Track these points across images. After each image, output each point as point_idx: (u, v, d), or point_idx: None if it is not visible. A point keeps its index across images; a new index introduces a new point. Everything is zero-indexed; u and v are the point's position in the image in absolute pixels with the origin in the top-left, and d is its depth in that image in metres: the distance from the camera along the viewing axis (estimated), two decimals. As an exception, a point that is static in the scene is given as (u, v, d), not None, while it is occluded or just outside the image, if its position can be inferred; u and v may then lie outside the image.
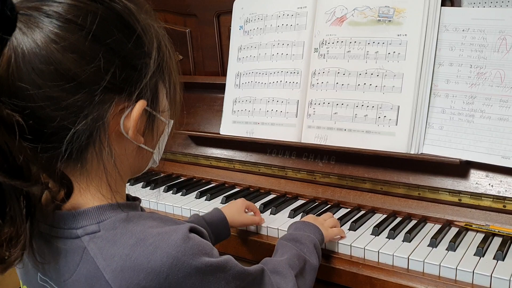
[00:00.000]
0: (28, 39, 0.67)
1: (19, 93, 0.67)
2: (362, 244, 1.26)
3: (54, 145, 0.71)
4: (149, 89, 0.76)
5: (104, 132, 0.73)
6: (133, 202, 0.82)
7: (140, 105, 0.75)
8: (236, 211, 1.38)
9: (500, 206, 1.32)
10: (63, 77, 0.68)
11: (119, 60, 0.71)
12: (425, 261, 1.17)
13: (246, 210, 1.43)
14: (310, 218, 1.30)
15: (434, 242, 1.24)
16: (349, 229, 1.36)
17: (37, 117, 0.69)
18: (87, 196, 0.77)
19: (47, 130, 0.70)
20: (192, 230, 0.77)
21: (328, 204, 1.56)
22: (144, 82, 0.75)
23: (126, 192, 0.85)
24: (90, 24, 0.68)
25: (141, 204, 0.86)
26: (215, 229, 1.30)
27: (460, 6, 1.41)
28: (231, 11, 1.84)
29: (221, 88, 1.86)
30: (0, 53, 0.66)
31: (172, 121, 0.86)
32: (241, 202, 1.42)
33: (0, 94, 0.66)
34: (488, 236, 1.27)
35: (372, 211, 1.49)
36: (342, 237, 1.30)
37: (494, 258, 1.16)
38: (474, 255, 1.18)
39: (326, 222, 1.30)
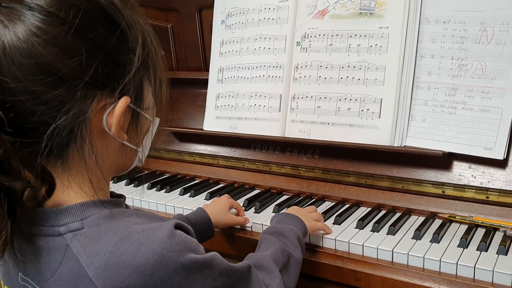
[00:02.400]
0: (9, 32, 0.66)
1: None
2: (346, 238, 1.26)
3: (34, 140, 0.70)
4: (133, 86, 0.75)
5: (86, 128, 0.72)
6: (117, 199, 0.81)
7: (123, 101, 0.74)
8: (220, 211, 1.37)
9: (483, 197, 1.32)
10: (44, 71, 0.67)
11: (102, 55, 0.71)
12: (409, 253, 1.17)
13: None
14: (294, 209, 1.30)
15: (418, 235, 1.24)
16: (334, 223, 1.36)
17: (17, 111, 0.68)
18: (69, 193, 0.76)
19: (27, 125, 0.69)
20: (177, 226, 0.76)
21: (313, 199, 1.56)
22: (127, 78, 0.74)
23: (110, 190, 0.84)
24: (72, 18, 0.68)
25: (125, 202, 0.85)
26: (199, 229, 1.28)
27: (441, -2, 1.42)
28: (213, 5, 1.83)
29: (204, 83, 1.84)
30: None
31: (158, 119, 0.85)
32: (225, 201, 1.41)
33: None
34: (472, 227, 1.27)
35: (357, 204, 1.49)
36: (327, 233, 1.30)
37: (477, 249, 1.16)
38: (458, 246, 1.18)
39: (310, 214, 1.30)
